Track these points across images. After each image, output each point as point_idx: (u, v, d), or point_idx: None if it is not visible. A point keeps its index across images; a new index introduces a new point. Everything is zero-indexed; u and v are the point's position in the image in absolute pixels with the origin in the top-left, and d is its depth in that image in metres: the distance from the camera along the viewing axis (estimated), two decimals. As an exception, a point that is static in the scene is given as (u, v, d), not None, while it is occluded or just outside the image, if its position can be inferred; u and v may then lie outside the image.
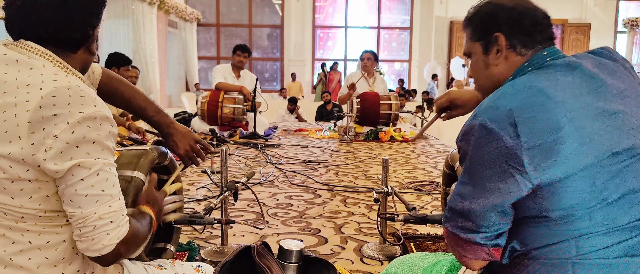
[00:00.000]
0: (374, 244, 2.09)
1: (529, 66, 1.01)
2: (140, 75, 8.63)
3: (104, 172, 0.98)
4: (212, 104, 5.32)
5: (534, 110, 0.88)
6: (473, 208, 0.93)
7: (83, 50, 1.09)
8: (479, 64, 1.11)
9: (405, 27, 14.11)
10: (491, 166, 0.90)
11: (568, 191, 0.87)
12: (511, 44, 1.04)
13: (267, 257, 1.19)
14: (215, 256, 1.95)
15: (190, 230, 2.23)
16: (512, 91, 0.92)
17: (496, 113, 0.90)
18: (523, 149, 0.86)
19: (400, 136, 5.32)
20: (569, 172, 0.86)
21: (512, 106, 0.89)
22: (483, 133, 0.90)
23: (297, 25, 13.48)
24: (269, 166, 3.83)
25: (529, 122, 0.87)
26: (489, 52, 1.07)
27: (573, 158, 0.86)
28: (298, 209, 2.65)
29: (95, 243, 0.97)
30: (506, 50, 1.05)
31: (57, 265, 1.01)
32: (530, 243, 0.92)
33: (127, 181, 1.36)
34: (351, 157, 4.34)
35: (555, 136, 0.86)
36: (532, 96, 0.90)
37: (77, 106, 0.95)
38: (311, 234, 2.25)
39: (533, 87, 0.91)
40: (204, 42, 14.02)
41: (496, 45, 1.06)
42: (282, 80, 13.77)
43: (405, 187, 3.19)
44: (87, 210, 0.96)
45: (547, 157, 0.86)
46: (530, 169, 0.87)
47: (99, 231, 0.97)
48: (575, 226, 0.88)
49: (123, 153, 1.47)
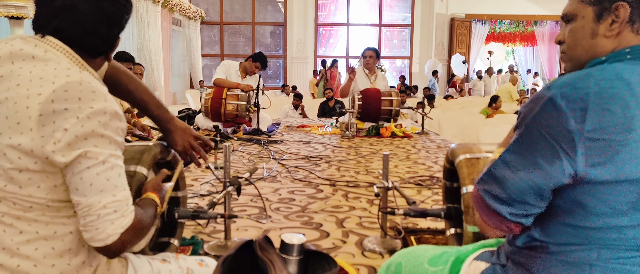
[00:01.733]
0: (375, 238, 2.12)
1: (629, 54, 0.91)
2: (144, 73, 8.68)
3: (109, 163, 1.00)
4: (215, 101, 5.36)
5: (613, 103, 0.82)
6: (512, 179, 0.89)
7: (103, 58, 1.15)
8: (584, 30, 0.97)
9: (406, 25, 14.10)
10: (544, 142, 0.85)
11: (608, 198, 0.84)
12: (632, 18, 0.92)
13: (268, 251, 1.22)
14: (218, 250, 1.98)
15: (194, 225, 2.27)
16: (598, 76, 0.85)
17: (571, 92, 0.84)
18: (583, 137, 0.82)
19: (401, 132, 5.35)
20: (619, 178, 0.82)
21: (592, 90, 0.83)
22: (549, 107, 0.85)
23: (300, 23, 13.49)
24: (272, 161, 3.87)
25: (601, 113, 0.82)
26: (602, 20, 0.94)
27: (629, 166, 0.82)
28: (300, 203, 2.68)
29: (99, 232, 0.99)
30: (624, 24, 0.92)
31: (63, 256, 1.03)
32: (551, 236, 0.91)
33: (130, 175, 1.38)
34: (353, 152, 4.37)
35: (623, 136, 0.81)
36: (616, 87, 0.83)
37: (88, 101, 0.98)
38: (313, 228, 2.29)
39: (622, 79, 0.84)
40: (208, 40, 14.04)
41: (613, 15, 0.93)
42: (285, 77, 13.79)
43: (406, 182, 3.22)
44: (91, 199, 0.98)
45: (604, 154, 0.82)
46: (581, 160, 0.83)
47: (103, 220, 0.99)
48: (602, 235, 0.87)
49: (126, 149, 1.49)
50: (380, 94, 5.49)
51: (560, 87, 0.85)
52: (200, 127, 5.50)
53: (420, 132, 5.62)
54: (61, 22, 1.05)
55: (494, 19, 13.94)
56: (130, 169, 1.40)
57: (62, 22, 1.05)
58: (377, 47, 13.13)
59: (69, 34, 1.06)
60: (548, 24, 14.13)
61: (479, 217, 0.97)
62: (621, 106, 0.81)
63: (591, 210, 0.86)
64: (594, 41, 0.95)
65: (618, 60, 0.91)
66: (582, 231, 0.88)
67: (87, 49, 1.09)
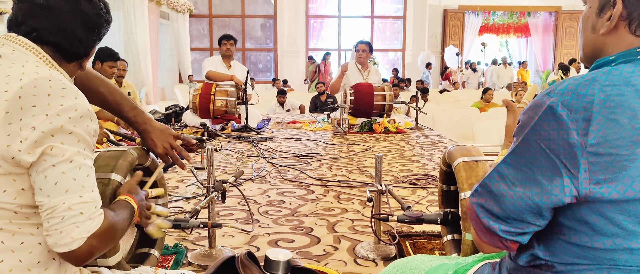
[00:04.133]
0: (368, 244, 2.02)
1: (636, 58, 0.83)
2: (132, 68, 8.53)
3: (77, 161, 0.93)
4: (204, 97, 5.23)
5: (620, 112, 0.74)
6: (508, 195, 0.82)
7: (76, 64, 1.11)
8: (588, 20, 0.91)
9: (398, 16, 14.01)
10: (544, 156, 0.78)
11: (618, 218, 0.77)
12: (629, 15, 0.84)
13: (251, 269, 1.12)
14: (202, 259, 1.87)
15: (178, 232, 2.16)
16: (605, 81, 0.77)
17: (574, 100, 0.76)
18: (586, 152, 0.74)
19: (395, 127, 5.26)
20: (628, 196, 0.74)
21: (597, 98, 0.75)
22: (549, 117, 0.77)
23: (290, 15, 13.36)
24: (261, 160, 3.75)
25: (607, 124, 0.74)
26: (602, 14, 0.87)
27: (638, 182, 0.74)
28: (290, 206, 2.58)
29: (63, 236, 0.91)
30: (619, 21, 0.85)
31: (31, 269, 0.96)
32: (557, 256, 0.83)
33: (104, 184, 1.28)
34: (345, 150, 4.26)
35: (630, 150, 0.73)
36: (625, 94, 0.75)
37: (58, 98, 0.93)
38: (303, 233, 2.18)
39: (630, 84, 0.76)
40: (197, 34, 13.87)
41: (611, 10, 0.86)
42: (276, 70, 13.66)
43: (400, 181, 3.12)
44: (55, 199, 0.90)
45: (609, 170, 0.74)
46: (584, 176, 0.75)
47: (67, 223, 0.91)
48: (611, 256, 0.79)
49: (100, 155, 1.39)
50: (373, 89, 5.39)
51: (562, 95, 0.77)
52: (188, 125, 5.37)
53: (414, 128, 5.53)
54: (38, 21, 1.02)
55: (487, 10, 13.88)
56: (105, 177, 1.29)
57: (38, 21, 1.02)
58: (370, 39, 13.03)
59: (44, 34, 1.02)
60: (542, 15, 14.11)
61: (474, 232, 0.91)
62: (629, 116, 0.73)
63: (599, 230, 0.78)
64: (593, 36, 0.90)
65: (627, 60, 0.83)
66: (590, 252, 0.80)
67: (62, 51, 1.05)
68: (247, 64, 13.12)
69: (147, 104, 8.48)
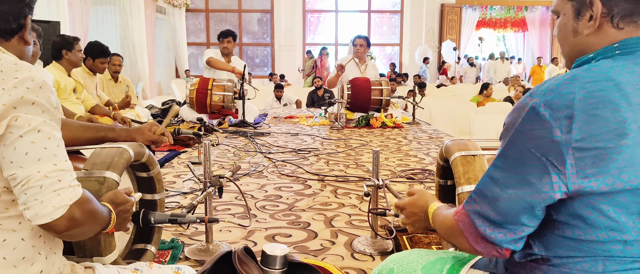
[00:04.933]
0: (366, 239, 2.02)
1: (618, 49, 0.84)
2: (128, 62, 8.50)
3: (45, 131, 0.89)
4: (201, 92, 5.22)
5: (602, 107, 0.75)
6: (503, 197, 0.83)
7: (18, 40, 1.06)
8: (566, 27, 0.92)
9: (395, 11, 13.97)
10: (531, 156, 0.79)
11: (610, 210, 0.78)
12: (609, 11, 0.85)
13: (248, 264, 1.12)
14: (199, 254, 1.87)
15: (175, 227, 2.15)
16: (584, 78, 0.79)
17: (555, 99, 0.78)
18: (571, 148, 0.76)
19: (392, 122, 5.25)
20: (616, 187, 0.75)
21: (578, 96, 0.76)
22: (533, 117, 0.79)
23: (287, 10, 13.30)
24: (258, 155, 3.75)
25: (590, 119, 0.75)
26: (581, 16, 0.88)
27: (626, 174, 0.75)
28: (287, 201, 2.57)
29: (44, 206, 0.86)
30: (602, 18, 0.85)
31: (17, 266, 0.94)
32: (552, 250, 0.85)
33: (100, 182, 1.27)
34: (342, 144, 4.26)
35: (616, 142, 0.74)
36: (605, 89, 0.76)
37: (11, 72, 0.90)
38: (300, 228, 2.18)
39: (611, 79, 0.77)
40: (193, 28, 13.80)
41: (589, 11, 0.87)
42: (273, 65, 13.62)
43: (397, 176, 3.12)
44: (29, 169, 0.86)
45: (596, 164, 0.75)
46: (572, 172, 0.76)
47: (47, 192, 0.86)
48: (606, 248, 0.80)
49: (97, 152, 1.38)
50: (370, 84, 5.38)
51: (543, 95, 0.79)
52: (185, 120, 5.36)
53: (411, 123, 5.53)
54: None
55: (484, 4, 13.85)
56: (100, 175, 1.28)
57: None
58: (367, 34, 13.00)
59: None
60: (539, 9, 14.09)
61: (466, 240, 0.89)
62: (611, 109, 0.75)
63: (593, 223, 0.79)
64: (577, 39, 0.90)
65: (607, 56, 0.84)
66: (585, 244, 0.81)
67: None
68: (244, 59, 13.07)
69: (144, 99, 8.44)
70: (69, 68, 3.86)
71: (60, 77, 3.71)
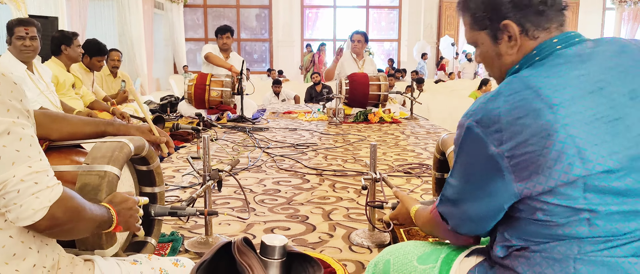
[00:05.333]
0: (363, 232, 2.04)
1: (537, 55, 0.92)
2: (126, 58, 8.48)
3: (15, 132, 0.87)
4: (199, 87, 5.23)
5: (524, 115, 0.81)
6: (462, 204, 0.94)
7: None
8: (489, 54, 0.99)
9: (394, 6, 13.97)
10: (477, 170, 0.88)
11: (560, 204, 0.82)
12: (524, 28, 0.92)
13: (247, 254, 1.14)
14: (199, 247, 1.89)
15: (174, 220, 2.17)
16: (506, 91, 0.85)
17: (484, 116, 0.85)
18: (505, 158, 0.83)
19: (390, 117, 5.27)
20: (551, 185, 0.81)
21: (502, 110, 0.83)
22: (469, 136, 0.87)
23: (286, 5, 13.28)
24: (256, 150, 3.76)
25: (517, 130, 0.81)
26: (499, 40, 0.96)
27: (560, 170, 0.80)
28: (286, 195, 2.60)
29: (24, 210, 0.87)
30: (520, 36, 0.93)
31: (8, 263, 0.93)
32: (529, 239, 0.89)
33: (100, 176, 1.29)
34: (340, 139, 4.28)
35: (543, 145, 0.80)
36: (526, 98, 0.82)
37: None
38: (299, 221, 2.20)
39: (530, 87, 0.84)
40: (191, 24, 13.77)
41: (507, 33, 0.94)
42: (271, 61, 13.61)
43: (394, 170, 3.15)
44: (4, 174, 0.85)
45: (529, 168, 0.81)
46: (511, 178, 0.83)
47: (25, 196, 0.86)
48: (575, 231, 0.84)
49: (97, 146, 1.40)
50: (368, 79, 5.40)
51: (474, 114, 0.87)
52: (183, 115, 5.37)
53: (409, 118, 5.55)
54: None
55: None
56: (100, 169, 1.30)
57: None
58: (365, 29, 13.00)
59: None
60: (535, 5, 14.06)
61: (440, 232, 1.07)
62: (533, 116, 0.81)
63: (551, 213, 0.84)
64: (502, 60, 0.97)
65: (529, 65, 0.92)
66: (554, 230, 0.85)
67: None
68: (242, 55, 13.07)
69: (142, 95, 8.44)
70: (68, 63, 3.87)
71: (59, 72, 3.73)
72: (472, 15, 0.98)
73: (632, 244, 0.82)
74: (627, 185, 0.80)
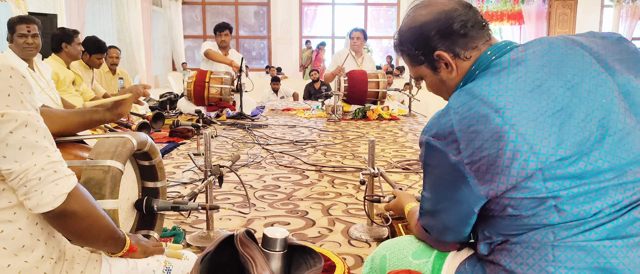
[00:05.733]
0: (362, 226, 2.07)
1: (477, 70, 1.00)
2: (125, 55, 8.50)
3: (32, 124, 0.91)
4: (198, 84, 5.25)
5: (475, 123, 0.87)
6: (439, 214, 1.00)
7: None
8: (435, 83, 1.10)
9: (392, 3, 13.97)
10: (443, 180, 0.94)
11: (520, 196, 0.87)
12: (455, 53, 1.02)
13: (250, 246, 1.17)
14: (201, 241, 1.92)
15: (176, 215, 2.20)
16: (456, 104, 0.92)
17: (439, 130, 0.92)
18: (466, 165, 0.88)
19: (388, 114, 5.30)
20: (511, 183, 0.86)
21: (454, 120, 0.90)
22: (430, 150, 0.94)
23: (284, 2, 13.27)
24: (256, 147, 3.79)
25: (471, 138, 0.87)
26: (438, 69, 1.06)
27: (518, 167, 0.84)
28: (285, 191, 2.63)
29: (44, 196, 0.91)
30: (453, 60, 1.03)
31: (18, 254, 0.96)
32: (507, 232, 0.93)
33: (104, 171, 1.32)
34: (339, 136, 4.31)
35: (498, 147, 0.85)
36: (473, 107, 0.89)
37: None
38: (298, 216, 2.23)
39: (475, 97, 0.90)
40: (190, 21, 13.76)
41: (443, 62, 1.04)
42: (270, 58, 13.62)
43: (393, 166, 3.18)
44: (25, 163, 0.90)
45: (489, 170, 0.86)
46: (475, 183, 0.88)
47: (46, 183, 0.91)
48: (546, 219, 0.88)
49: (101, 141, 1.42)
50: (367, 76, 5.42)
51: (430, 130, 0.94)
52: (183, 112, 5.39)
53: (407, 115, 5.57)
54: None
55: (480, -3, 13.85)
56: (104, 164, 1.33)
57: None
58: (364, 26, 13.01)
59: None
60: (535, 2, 14.10)
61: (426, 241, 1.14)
62: (482, 122, 0.87)
63: (520, 208, 0.88)
64: (446, 85, 1.07)
65: (471, 79, 1.00)
66: (527, 220, 0.89)
67: None
68: (241, 52, 13.04)
69: (141, 92, 8.44)
70: (68, 61, 3.89)
71: (59, 69, 3.75)
72: (408, 55, 1.09)
73: (603, 226, 0.86)
74: (580, 168, 0.85)
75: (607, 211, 0.86)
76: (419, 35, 1.03)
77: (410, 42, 1.06)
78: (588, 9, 13.41)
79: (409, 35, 1.06)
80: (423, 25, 1.03)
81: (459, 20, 1.00)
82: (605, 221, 0.86)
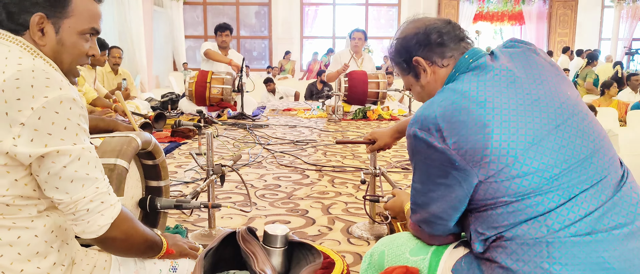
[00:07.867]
0: (363, 224, 2.10)
1: (457, 72, 1.09)
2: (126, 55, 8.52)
3: (85, 157, 0.96)
4: (200, 85, 5.28)
5: (458, 113, 0.95)
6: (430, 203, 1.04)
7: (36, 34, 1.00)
8: (418, 90, 1.20)
9: (393, 4, 14.00)
10: (434, 168, 0.99)
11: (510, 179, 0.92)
12: (431, 60, 1.13)
13: (251, 242, 1.20)
14: (203, 239, 1.96)
15: (178, 213, 2.24)
16: (439, 98, 1.00)
17: (424, 122, 0.98)
18: (452, 151, 0.94)
19: (388, 115, 5.33)
20: (504, 164, 0.92)
21: (438, 113, 0.97)
22: (416, 141, 0.99)
23: (285, 3, 13.30)
24: (257, 146, 3.82)
25: (455, 127, 0.94)
26: (419, 76, 1.17)
27: (503, 151, 0.92)
28: (286, 190, 2.66)
29: (91, 225, 0.99)
30: (430, 67, 1.14)
31: (31, 260, 1.00)
32: (499, 225, 0.96)
33: (110, 168, 1.35)
34: (339, 136, 4.34)
35: (482, 134, 0.92)
36: (456, 100, 0.97)
37: (42, 89, 0.91)
38: (299, 215, 2.27)
39: (457, 92, 0.99)
40: (191, 21, 13.79)
41: (420, 67, 1.15)
42: (271, 58, 13.65)
43: (392, 166, 3.21)
44: (76, 195, 0.96)
45: (476, 156, 0.93)
46: (465, 164, 0.94)
47: (93, 214, 0.98)
48: (533, 202, 0.93)
49: (106, 140, 1.46)
50: (367, 77, 5.45)
51: (415, 123, 1.00)
52: (184, 112, 5.42)
53: (407, 115, 5.60)
54: None
55: (481, -3, 13.87)
56: (110, 162, 1.36)
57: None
58: (364, 26, 13.03)
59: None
60: (536, 2, 14.12)
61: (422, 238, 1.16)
62: (465, 112, 0.94)
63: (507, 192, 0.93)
64: (427, 89, 1.17)
65: (453, 81, 1.08)
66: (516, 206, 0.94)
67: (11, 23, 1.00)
68: (242, 52, 13.08)
69: (142, 92, 8.48)
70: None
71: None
72: (397, 65, 1.21)
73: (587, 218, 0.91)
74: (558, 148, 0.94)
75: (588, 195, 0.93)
76: (402, 46, 1.17)
77: (397, 52, 1.18)
78: (588, 10, 13.42)
79: (396, 45, 1.19)
80: (406, 37, 1.16)
81: (436, 32, 1.12)
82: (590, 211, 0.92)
